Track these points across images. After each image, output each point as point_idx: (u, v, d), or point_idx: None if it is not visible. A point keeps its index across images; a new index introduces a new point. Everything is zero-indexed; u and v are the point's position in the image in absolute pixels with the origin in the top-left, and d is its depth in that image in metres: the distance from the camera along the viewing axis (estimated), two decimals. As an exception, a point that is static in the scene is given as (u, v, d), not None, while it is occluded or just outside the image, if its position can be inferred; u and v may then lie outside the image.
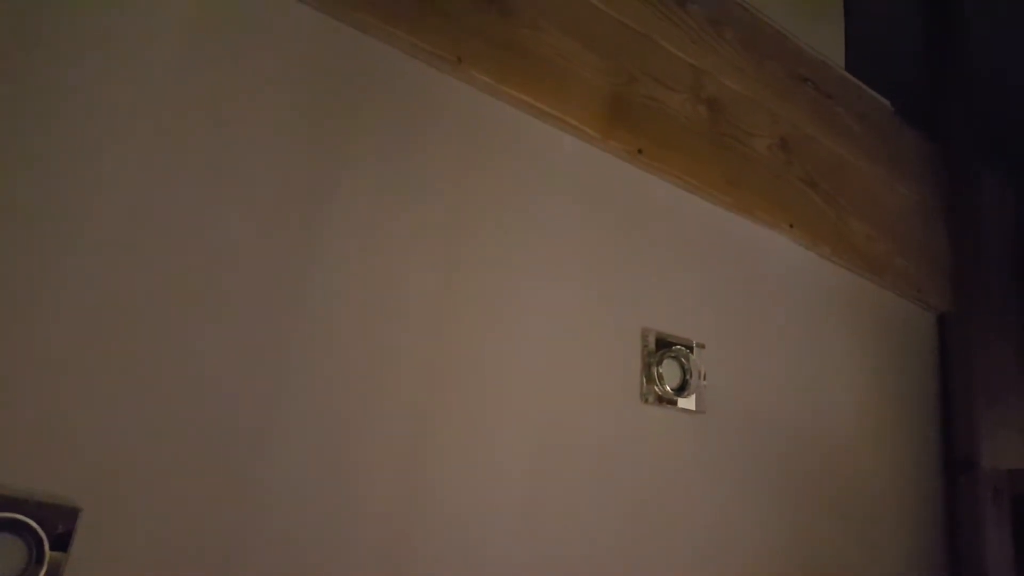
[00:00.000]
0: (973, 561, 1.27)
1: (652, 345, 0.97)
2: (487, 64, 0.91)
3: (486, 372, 0.83)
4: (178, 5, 0.72)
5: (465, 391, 0.81)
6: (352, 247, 0.77)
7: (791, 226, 1.21)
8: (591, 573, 0.86)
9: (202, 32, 0.73)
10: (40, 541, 0.56)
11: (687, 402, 0.99)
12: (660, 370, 0.96)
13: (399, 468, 0.75)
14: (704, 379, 1.01)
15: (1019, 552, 1.30)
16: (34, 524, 0.56)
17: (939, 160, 1.54)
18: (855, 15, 1.47)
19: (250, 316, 0.70)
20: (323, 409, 0.72)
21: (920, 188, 1.49)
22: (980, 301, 1.41)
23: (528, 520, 0.82)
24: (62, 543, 0.57)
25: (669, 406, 0.97)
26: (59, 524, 0.57)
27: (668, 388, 0.97)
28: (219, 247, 0.70)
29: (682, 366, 1.00)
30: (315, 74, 0.79)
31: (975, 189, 1.49)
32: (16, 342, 0.59)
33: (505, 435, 0.83)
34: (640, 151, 1.04)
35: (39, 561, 0.56)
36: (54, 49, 0.65)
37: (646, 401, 0.95)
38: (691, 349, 1.01)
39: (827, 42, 1.41)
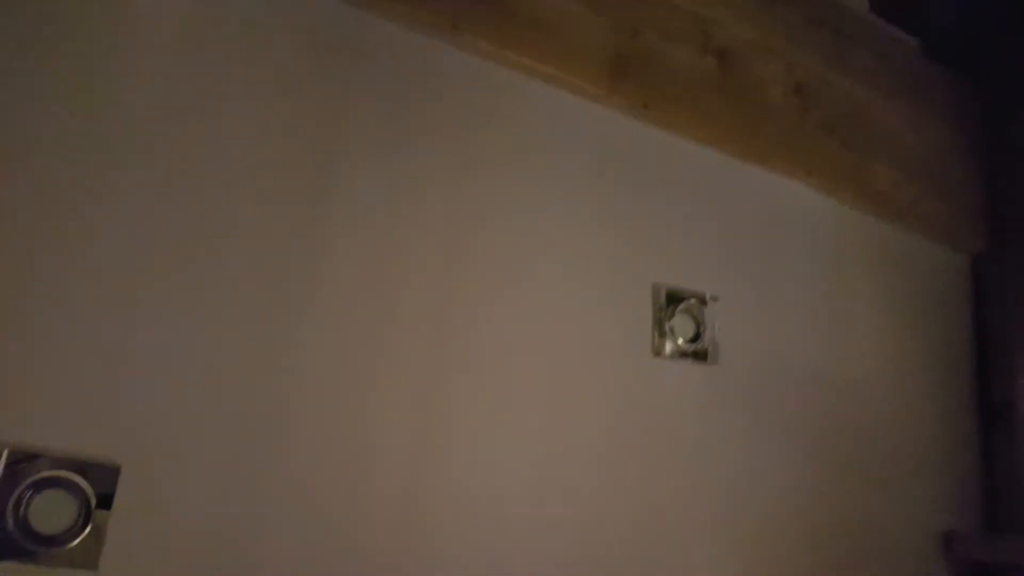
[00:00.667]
0: (1013, 504, 1.25)
1: (663, 299, 0.98)
2: (484, 29, 0.91)
3: (496, 330, 0.86)
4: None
5: (476, 348, 0.84)
6: (358, 207, 0.81)
7: (809, 174, 1.19)
8: (607, 529, 0.88)
9: (199, 12, 0.76)
10: (86, 496, 0.62)
11: (700, 355, 0.99)
12: (672, 324, 0.97)
13: (413, 416, 0.79)
14: (718, 331, 1.02)
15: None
16: (80, 480, 0.62)
17: (971, 97, 1.48)
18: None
19: (254, 285, 0.74)
20: (334, 371, 0.76)
21: (951, 127, 1.43)
22: (1016, 240, 1.36)
23: (541, 475, 0.85)
24: (106, 499, 0.63)
25: (682, 359, 0.98)
26: (102, 480, 0.63)
27: (680, 341, 0.98)
28: (224, 222, 0.74)
29: (695, 319, 1.00)
30: (312, 50, 0.82)
31: (1010, 125, 1.43)
32: (62, 321, 0.65)
33: (517, 392, 0.86)
34: (646, 106, 1.04)
35: (86, 513, 0.62)
36: (59, 27, 0.69)
37: (658, 355, 0.96)
38: (704, 302, 1.02)
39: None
